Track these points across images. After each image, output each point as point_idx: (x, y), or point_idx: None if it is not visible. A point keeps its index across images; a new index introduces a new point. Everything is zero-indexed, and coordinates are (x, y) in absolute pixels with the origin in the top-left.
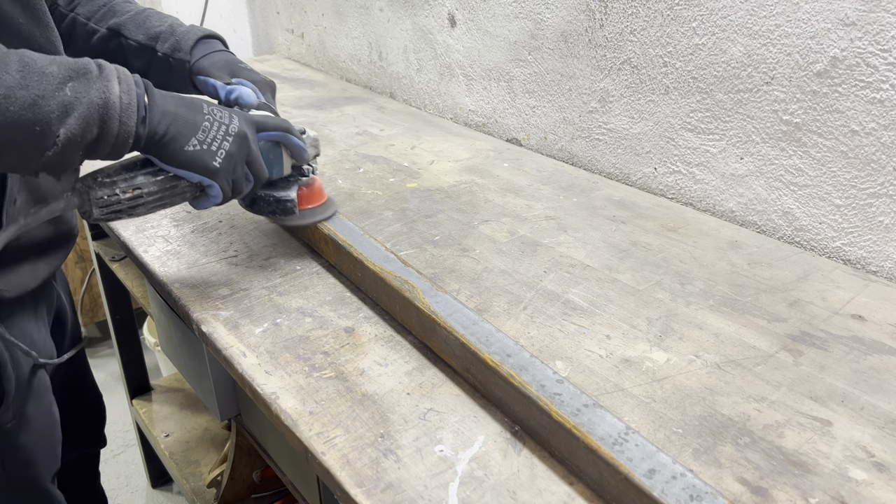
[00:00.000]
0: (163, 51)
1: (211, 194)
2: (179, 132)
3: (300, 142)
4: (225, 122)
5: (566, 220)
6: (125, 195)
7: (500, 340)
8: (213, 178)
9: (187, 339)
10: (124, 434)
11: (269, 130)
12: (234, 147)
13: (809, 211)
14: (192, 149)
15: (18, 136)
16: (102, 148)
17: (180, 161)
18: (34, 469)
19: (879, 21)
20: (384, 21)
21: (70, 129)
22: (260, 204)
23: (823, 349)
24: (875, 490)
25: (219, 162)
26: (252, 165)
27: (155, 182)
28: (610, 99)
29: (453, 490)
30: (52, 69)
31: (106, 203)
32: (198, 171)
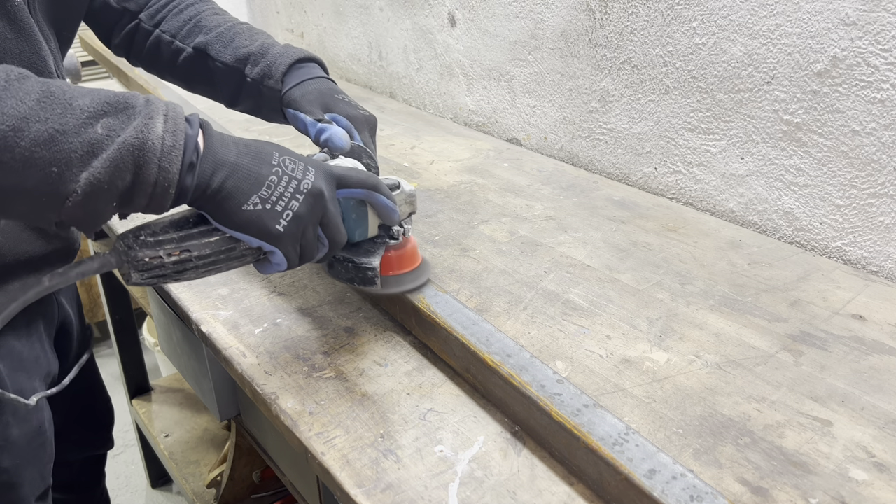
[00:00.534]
0: (252, 76)
1: (273, 261)
2: (238, 187)
3: (389, 202)
4: (297, 178)
5: (566, 220)
6: (170, 258)
7: (500, 340)
8: (276, 244)
9: (187, 339)
10: (124, 434)
11: (353, 187)
12: (305, 208)
13: (810, 211)
14: (253, 208)
15: (31, 178)
16: (138, 199)
17: (236, 222)
18: (17, 492)
19: (880, 21)
20: (384, 21)
21: (94, 174)
22: (338, 268)
23: (824, 349)
24: (875, 490)
25: (283, 225)
26: (328, 228)
27: (208, 244)
28: (610, 99)
29: (453, 490)
30: (83, 102)
31: (148, 266)
32: (257, 235)
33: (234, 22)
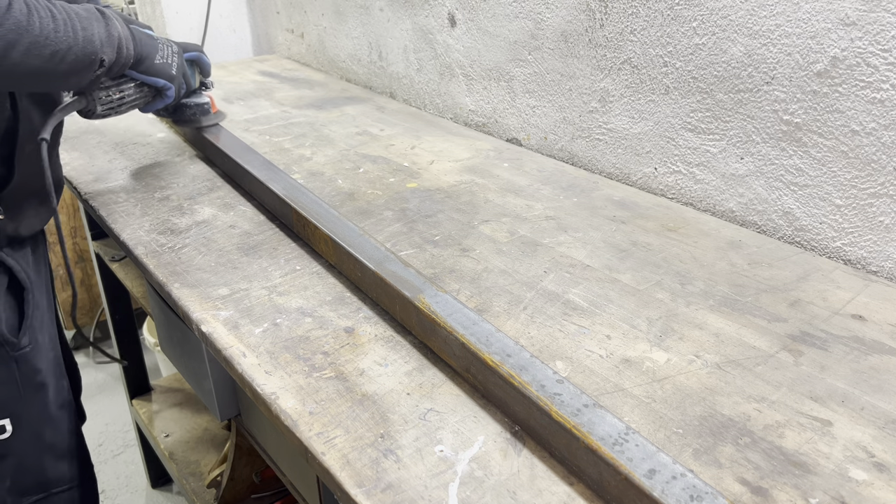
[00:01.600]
0: None
1: (167, 95)
2: (150, 52)
3: (208, 60)
4: (169, 45)
5: (566, 220)
6: (115, 96)
7: (500, 340)
8: (172, 81)
9: (187, 339)
10: (124, 434)
11: (190, 51)
12: (179, 61)
13: (810, 211)
14: (159, 62)
15: (86, 62)
16: (115, 68)
17: (154, 71)
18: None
19: (880, 21)
20: (384, 21)
21: (108, 56)
22: (183, 110)
23: (824, 349)
24: (875, 490)
25: (174, 70)
26: (185, 77)
27: (132, 87)
28: (610, 99)
29: (453, 490)
30: (85, 14)
31: (104, 102)
32: (163, 77)
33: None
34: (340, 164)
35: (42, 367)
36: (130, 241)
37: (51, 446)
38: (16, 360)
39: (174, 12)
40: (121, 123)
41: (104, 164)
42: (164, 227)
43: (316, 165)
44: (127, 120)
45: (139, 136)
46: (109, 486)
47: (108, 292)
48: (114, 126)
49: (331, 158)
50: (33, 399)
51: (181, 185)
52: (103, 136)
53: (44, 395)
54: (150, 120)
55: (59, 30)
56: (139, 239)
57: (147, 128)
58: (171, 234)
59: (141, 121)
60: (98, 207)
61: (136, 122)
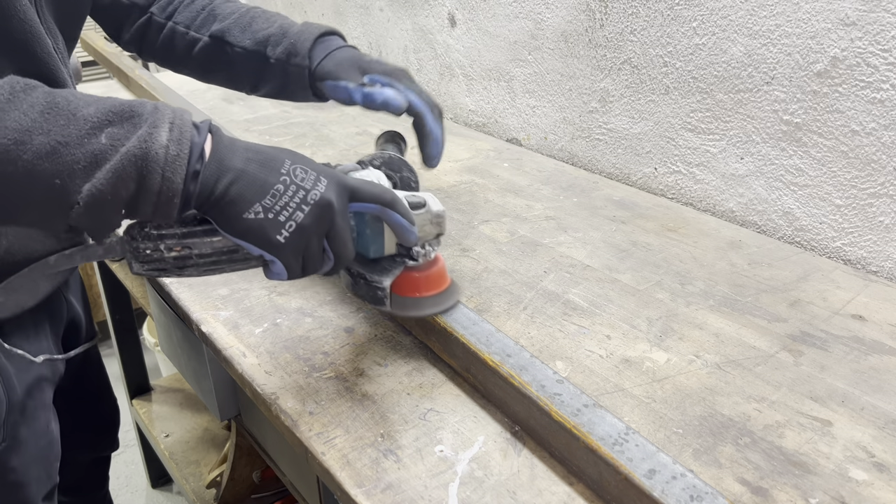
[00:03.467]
0: (276, 56)
1: (274, 270)
2: (241, 194)
3: (404, 221)
4: (305, 187)
5: (566, 220)
6: (170, 253)
7: (500, 340)
8: (276, 254)
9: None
10: (124, 434)
11: (366, 202)
12: (310, 220)
13: (810, 211)
14: (254, 217)
15: (36, 190)
16: (143, 207)
17: (237, 230)
18: (25, 491)
19: (880, 21)
20: (384, 21)
21: (96, 185)
22: (354, 284)
23: (824, 349)
24: (875, 490)
25: (285, 236)
26: (334, 242)
27: (209, 244)
28: (610, 99)
29: (453, 490)
30: (87, 112)
31: (149, 259)
32: (256, 243)
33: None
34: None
35: (16, 464)
36: None
37: None
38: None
39: None
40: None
41: None
42: None
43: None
44: None
45: None
46: (109, 485)
47: (108, 292)
48: None
49: (331, 158)
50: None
51: None
52: None
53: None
54: None
55: None
56: None
57: None
58: None
59: None
60: None
61: None
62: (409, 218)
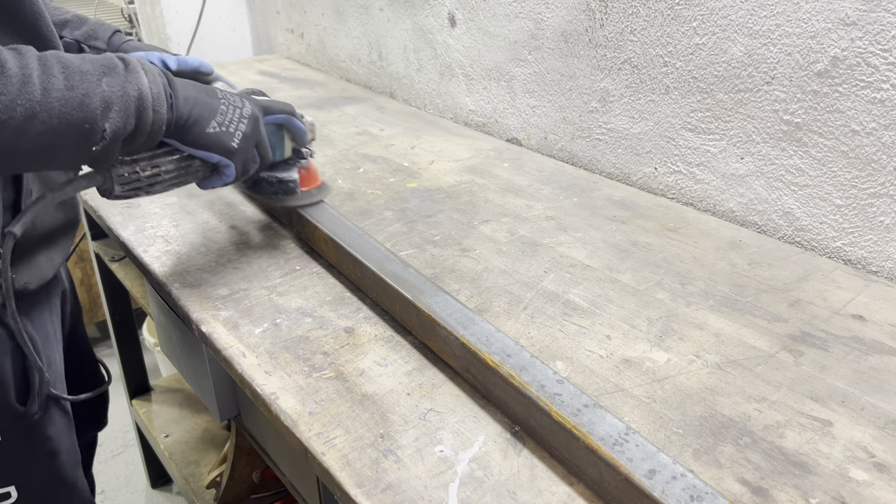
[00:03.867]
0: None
1: (225, 173)
2: (202, 115)
3: (302, 125)
4: (239, 106)
5: (566, 220)
6: (144, 173)
7: (500, 340)
8: (231, 157)
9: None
10: (124, 434)
11: (275, 114)
12: (249, 129)
13: (810, 211)
14: (213, 130)
15: (71, 135)
16: (139, 138)
17: (203, 143)
18: (59, 460)
19: (880, 21)
20: (384, 21)
21: (114, 123)
22: (262, 185)
23: (824, 349)
24: (875, 490)
25: (236, 143)
26: (260, 147)
27: (172, 161)
28: (610, 99)
29: (453, 490)
30: (87, 67)
31: (127, 181)
32: (218, 151)
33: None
34: (340, 164)
35: (52, 433)
36: (130, 241)
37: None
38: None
39: (174, 12)
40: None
41: None
42: (165, 227)
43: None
44: None
45: None
46: (109, 486)
47: (108, 292)
48: None
49: (331, 158)
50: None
51: None
52: None
53: (54, 461)
54: None
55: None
56: (139, 239)
57: None
58: (171, 234)
59: None
60: (98, 207)
61: None
62: (303, 124)
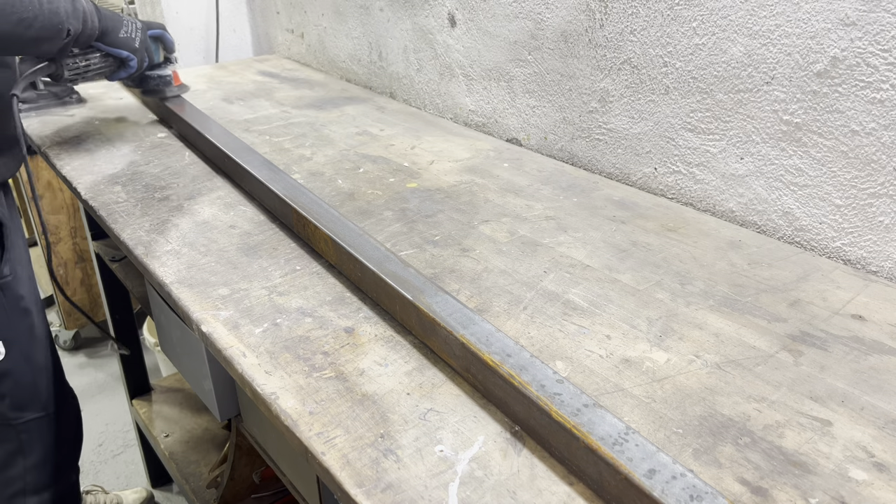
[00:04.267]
0: None
1: (130, 65)
2: (115, 26)
3: (172, 37)
4: (133, 22)
5: (566, 220)
6: (82, 64)
7: (500, 340)
8: (135, 54)
9: (187, 339)
10: (124, 434)
11: (154, 29)
12: (143, 36)
13: (809, 211)
14: (123, 35)
15: (52, 32)
16: (82, 38)
17: (118, 43)
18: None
19: (880, 21)
20: (384, 21)
21: (74, 26)
22: (147, 81)
23: (823, 349)
24: (875, 490)
25: (137, 44)
26: (148, 51)
27: (97, 57)
28: (610, 99)
29: (453, 490)
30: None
31: (72, 69)
32: (127, 49)
33: None
34: (340, 164)
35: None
36: (130, 241)
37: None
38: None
39: (174, 12)
40: (121, 124)
41: (104, 165)
42: (165, 226)
43: (316, 165)
44: (128, 120)
45: (139, 136)
46: (109, 486)
47: (108, 292)
48: (114, 126)
49: (331, 158)
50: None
51: (181, 185)
52: (103, 135)
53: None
54: (152, 121)
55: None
56: (139, 239)
57: (149, 128)
58: (171, 234)
59: (141, 120)
60: (98, 207)
61: (137, 121)
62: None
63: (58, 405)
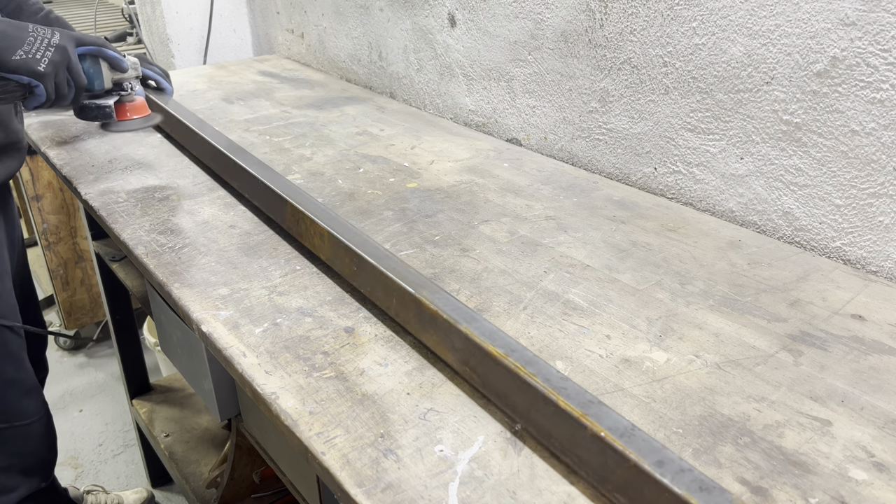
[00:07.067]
0: None
1: (37, 93)
2: (8, 45)
3: (115, 53)
4: (47, 37)
5: (566, 220)
6: None
7: (502, 338)
8: (40, 80)
9: (187, 339)
10: (124, 434)
11: (87, 45)
12: (57, 56)
13: (809, 211)
14: (19, 57)
15: None
16: None
17: (10, 67)
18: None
19: (879, 21)
20: (384, 21)
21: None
22: (85, 111)
23: (823, 349)
24: (875, 490)
25: (43, 67)
26: (72, 73)
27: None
28: (610, 99)
29: (453, 490)
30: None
31: None
32: (26, 73)
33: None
34: (340, 164)
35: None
36: (130, 241)
37: (14, 382)
38: None
39: (174, 12)
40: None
41: (104, 165)
42: (165, 226)
43: (316, 165)
44: None
45: (139, 136)
46: (109, 485)
47: (108, 292)
48: None
49: (331, 158)
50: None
51: (181, 185)
52: (104, 136)
53: (2, 336)
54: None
55: None
56: (139, 239)
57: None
58: (171, 234)
59: None
60: (98, 207)
61: None
62: (118, 54)
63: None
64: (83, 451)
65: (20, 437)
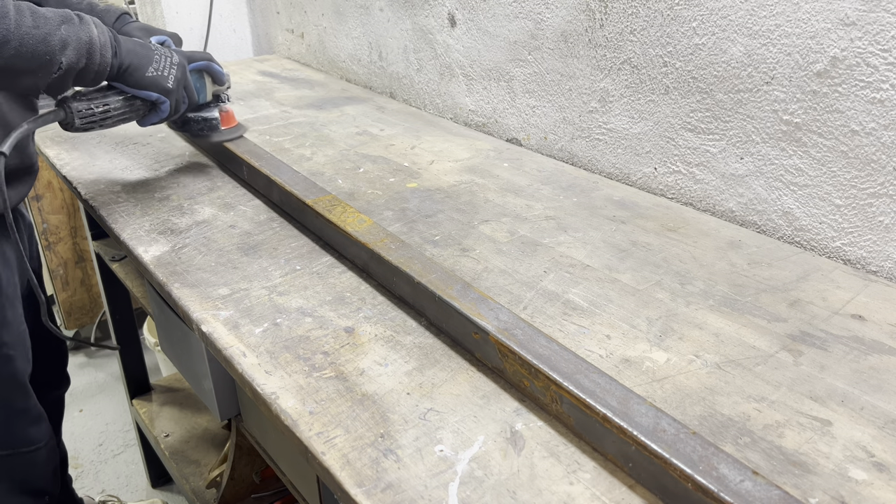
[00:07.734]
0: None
1: (162, 109)
2: (141, 63)
3: (220, 68)
4: (169, 56)
5: (566, 220)
6: (98, 109)
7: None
8: (168, 96)
9: (187, 339)
10: (124, 434)
11: (198, 61)
12: (180, 74)
13: (809, 211)
14: (151, 74)
15: (35, 63)
16: (88, 75)
17: (144, 84)
18: (14, 365)
19: (879, 21)
20: (384, 21)
21: (69, 58)
22: (191, 124)
23: (823, 349)
24: (875, 490)
25: (171, 84)
26: (188, 90)
27: (119, 100)
28: (610, 99)
29: (453, 490)
30: (51, 15)
31: (84, 115)
32: (156, 90)
33: None
34: (340, 164)
35: (8, 340)
36: (130, 241)
37: (23, 411)
38: None
39: (174, 12)
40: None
41: (104, 164)
42: (165, 226)
43: (316, 165)
44: None
45: (140, 136)
46: (109, 486)
47: (108, 292)
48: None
49: (331, 158)
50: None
51: (181, 184)
52: (104, 136)
53: (11, 366)
54: None
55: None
56: (139, 239)
57: (148, 128)
58: (171, 234)
59: None
60: (98, 207)
61: None
62: (221, 68)
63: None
64: (83, 451)
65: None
